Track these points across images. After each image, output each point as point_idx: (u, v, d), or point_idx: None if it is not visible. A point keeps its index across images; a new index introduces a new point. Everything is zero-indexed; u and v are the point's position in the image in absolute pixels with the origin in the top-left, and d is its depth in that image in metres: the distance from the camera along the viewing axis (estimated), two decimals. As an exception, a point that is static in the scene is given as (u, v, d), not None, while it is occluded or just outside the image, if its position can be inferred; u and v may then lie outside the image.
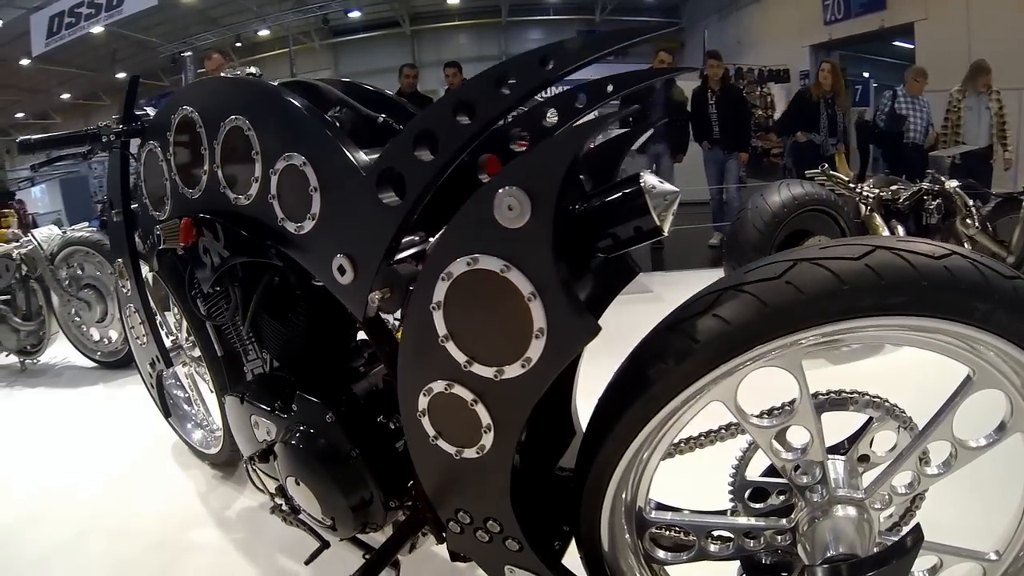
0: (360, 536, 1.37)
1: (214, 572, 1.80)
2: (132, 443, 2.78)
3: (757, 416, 1.03)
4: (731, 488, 1.14)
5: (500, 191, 0.86)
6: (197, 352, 2.03)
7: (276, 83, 1.58)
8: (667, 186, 1.00)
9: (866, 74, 13.02)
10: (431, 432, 1.06)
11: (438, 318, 0.95)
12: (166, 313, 2.38)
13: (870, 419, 1.09)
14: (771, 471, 1.12)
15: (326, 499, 1.29)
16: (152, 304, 2.20)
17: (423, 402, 1.03)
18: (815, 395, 1.06)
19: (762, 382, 1.04)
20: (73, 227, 4.15)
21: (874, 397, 1.09)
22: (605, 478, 1.04)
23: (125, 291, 2.23)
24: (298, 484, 1.32)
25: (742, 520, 1.12)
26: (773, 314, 0.87)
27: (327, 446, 1.28)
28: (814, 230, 3.17)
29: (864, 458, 1.09)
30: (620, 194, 1.01)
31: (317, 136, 1.10)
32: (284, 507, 1.44)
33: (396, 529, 1.29)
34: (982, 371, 0.93)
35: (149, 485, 2.37)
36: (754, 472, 1.15)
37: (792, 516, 1.07)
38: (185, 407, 2.48)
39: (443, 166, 0.93)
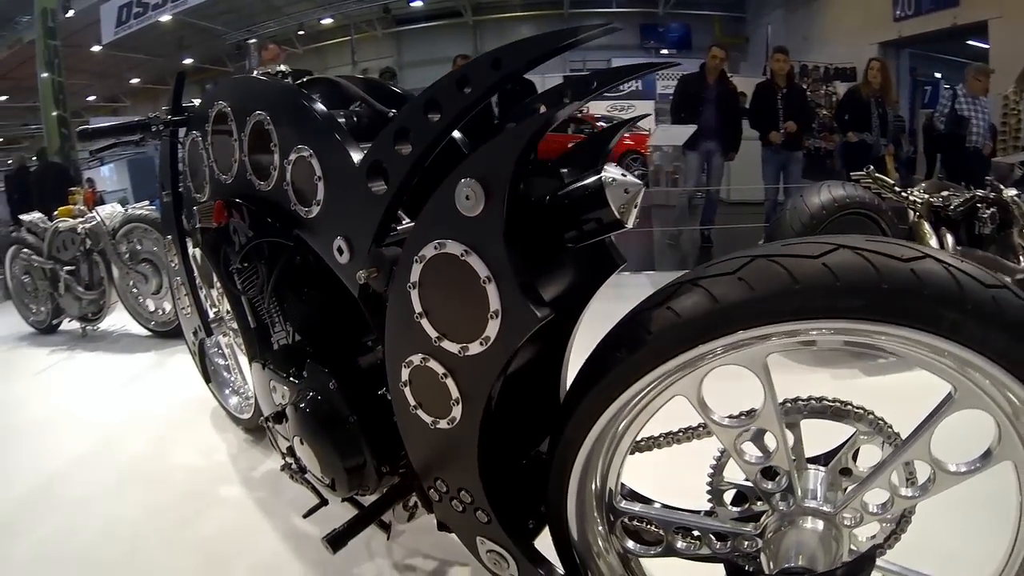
0: (358, 498, 1.48)
1: (233, 523, 1.97)
2: (175, 405, 3.01)
3: (722, 415, 1.01)
4: (708, 488, 1.14)
5: (460, 181, 0.93)
6: (235, 323, 2.20)
7: (305, 79, 1.73)
8: (629, 179, 1.01)
9: (938, 75, 12.53)
10: (412, 402, 1.16)
11: (414, 296, 1.05)
12: (211, 288, 2.56)
13: (856, 431, 1.05)
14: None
15: (325, 460, 1.41)
16: (196, 277, 2.39)
17: (405, 373, 1.14)
18: (794, 400, 1.06)
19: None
20: (134, 205, 4.41)
21: (857, 408, 1.05)
22: (569, 461, 1.07)
23: (173, 265, 2.43)
24: (302, 444, 1.46)
25: (709, 521, 1.11)
26: (722, 310, 0.86)
27: (329, 411, 1.41)
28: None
29: (845, 471, 1.05)
30: (582, 186, 1.03)
31: (321, 131, 1.22)
32: (293, 465, 1.58)
33: (385, 492, 1.39)
34: (964, 389, 0.86)
35: (185, 443, 2.58)
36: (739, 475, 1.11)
37: (759, 523, 1.05)
38: (224, 374, 2.67)
39: (419, 158, 1.03)
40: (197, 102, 1.90)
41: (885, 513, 0.99)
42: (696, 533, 1.12)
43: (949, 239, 3.05)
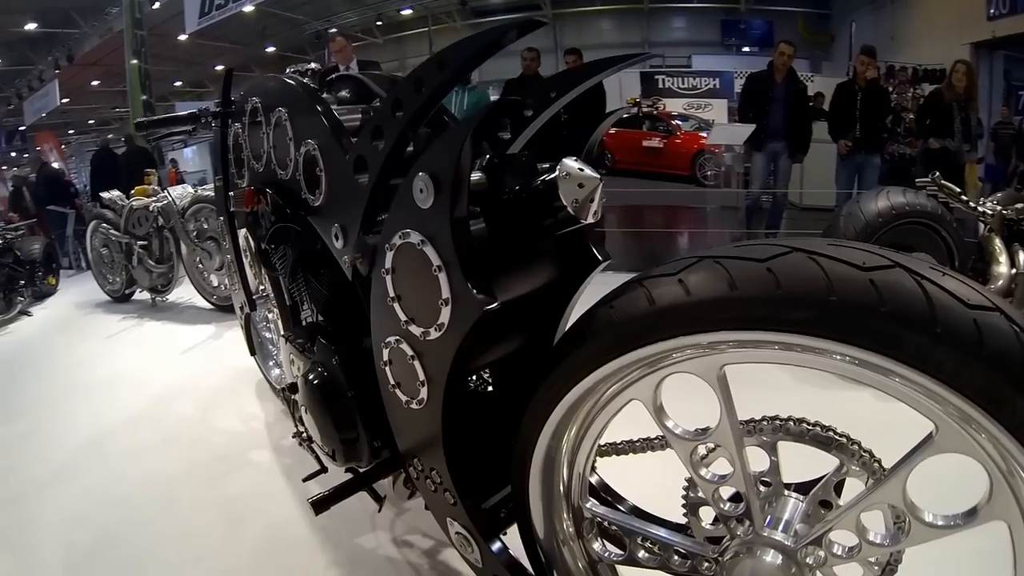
0: (358, 469, 1.56)
1: (256, 486, 2.13)
2: (224, 373, 3.23)
3: (678, 426, 0.95)
4: (683, 502, 1.05)
5: (416, 176, 0.98)
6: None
7: (333, 76, 1.85)
8: (586, 173, 0.99)
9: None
10: (392, 381, 1.23)
11: (388, 282, 1.13)
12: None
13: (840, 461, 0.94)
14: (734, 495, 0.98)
15: (325, 431, 1.51)
16: (243, 256, 2.57)
17: (385, 353, 1.22)
18: (772, 420, 0.96)
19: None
20: (203, 186, 4.70)
21: (839, 436, 0.93)
22: (527, 455, 1.07)
23: (225, 244, 2.62)
24: (307, 414, 1.59)
25: (670, 536, 1.05)
26: (656, 314, 0.81)
27: (330, 385, 1.50)
28: (916, 246, 2.75)
29: (825, 504, 0.92)
30: (541, 181, 1.03)
31: (323, 127, 1.32)
32: (303, 434, 1.71)
33: (374, 465, 1.47)
34: (947, 429, 0.72)
35: (228, 409, 2.79)
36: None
37: (720, 546, 0.97)
38: (268, 347, 2.85)
39: (390, 152, 1.11)
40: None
41: (849, 558, 0.87)
42: (655, 545, 1.07)
43: (1022, 256, 2.75)
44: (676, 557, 1.05)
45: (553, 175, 1.01)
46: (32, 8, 10.36)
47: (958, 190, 2.95)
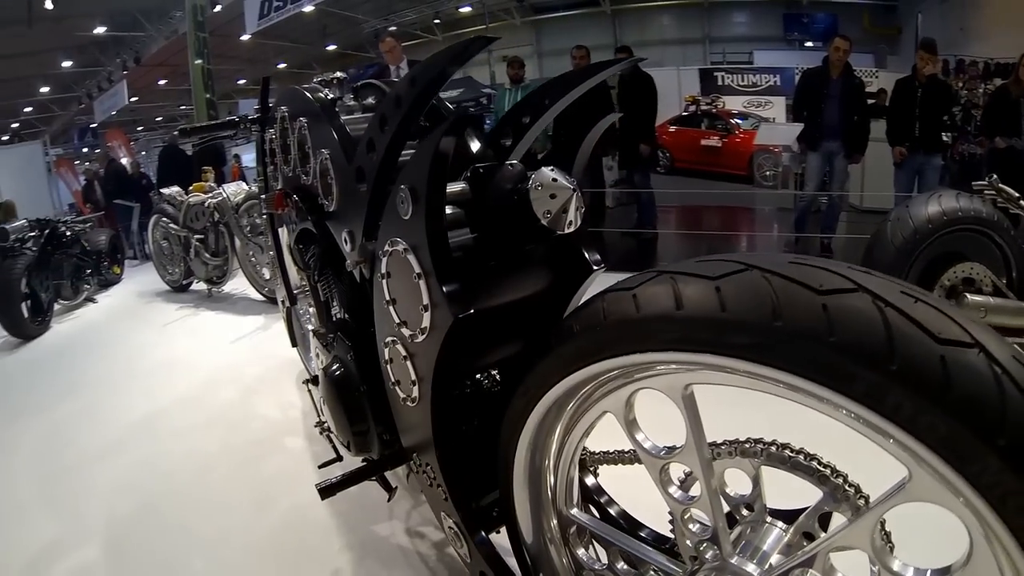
0: (369, 459, 1.64)
1: (287, 469, 2.26)
2: (269, 362, 3.41)
3: (649, 441, 0.93)
4: (669, 516, 0.98)
5: (399, 188, 1.04)
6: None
7: (359, 84, 1.95)
8: (559, 183, 1.00)
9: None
10: (392, 379, 1.30)
11: (384, 286, 1.19)
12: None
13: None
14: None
15: (339, 422, 1.59)
16: (285, 252, 2.71)
17: (386, 352, 1.29)
18: (756, 443, 0.89)
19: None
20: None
21: (822, 466, 0.87)
22: (509, 459, 1.08)
23: (270, 241, 2.77)
24: (325, 406, 1.70)
25: (644, 550, 1.03)
26: (608, 330, 0.80)
27: (345, 380, 1.58)
28: (968, 254, 2.58)
29: (809, 535, 0.86)
30: (514, 191, 1.05)
31: (332, 138, 1.41)
32: (324, 424, 1.83)
33: (381, 456, 1.53)
34: (921, 477, 0.63)
35: (269, 396, 2.95)
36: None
37: (691, 567, 0.93)
38: (308, 340, 3.00)
39: (380, 164, 1.18)
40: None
41: None
42: (630, 559, 1.05)
43: (1088, 270, 2.57)
44: (652, 572, 1.02)
45: (523, 186, 1.04)
46: (101, 12, 11.01)
47: (1016, 194, 2.76)
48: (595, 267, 1.17)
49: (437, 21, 15.95)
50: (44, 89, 14.57)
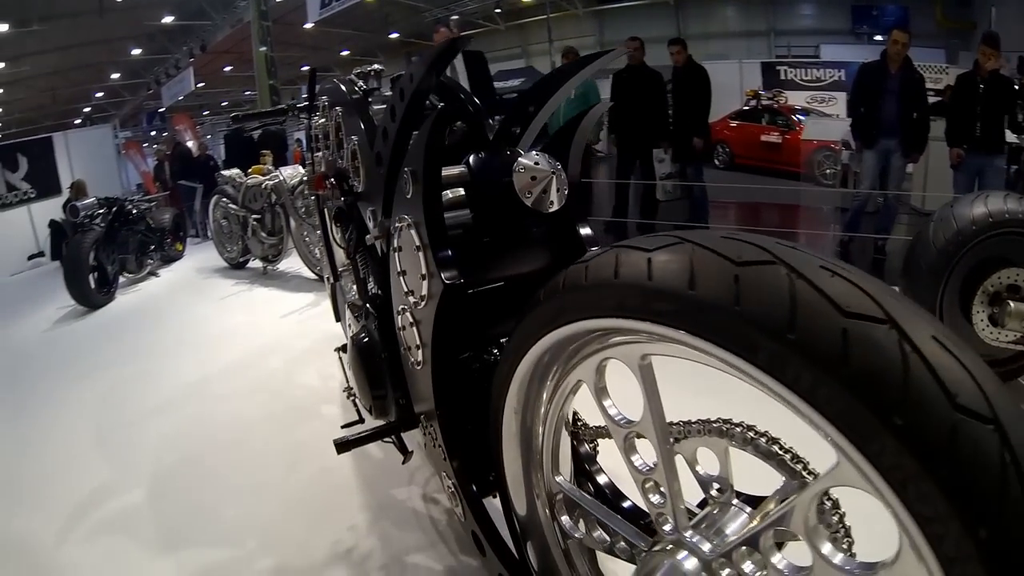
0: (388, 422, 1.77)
1: (320, 435, 2.37)
2: (314, 336, 3.58)
3: (614, 410, 0.94)
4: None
5: (403, 170, 1.15)
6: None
7: (394, 76, 2.06)
8: (539, 167, 1.07)
9: None
10: (405, 344, 1.40)
11: (396, 259, 1.29)
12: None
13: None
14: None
15: (361, 386, 1.69)
16: (331, 230, 2.85)
17: (399, 320, 1.38)
18: (724, 423, 0.91)
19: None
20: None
21: (783, 451, 0.88)
22: (498, 424, 1.13)
23: (317, 221, 2.92)
24: (350, 371, 1.81)
25: (615, 521, 1.04)
26: (564, 297, 0.86)
27: (368, 348, 1.69)
28: (1015, 259, 2.43)
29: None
30: (503, 172, 1.12)
31: (359, 126, 1.53)
32: (352, 390, 1.95)
33: (392, 421, 1.63)
34: (845, 462, 0.60)
35: (311, 367, 3.10)
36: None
37: (653, 539, 0.94)
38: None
39: (391, 150, 1.28)
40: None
41: None
42: (608, 530, 1.07)
43: None
44: (622, 543, 1.05)
45: (506, 168, 1.12)
46: (169, 2, 11.62)
47: None
48: (588, 247, 1.20)
49: (498, 10, 15.99)
50: (115, 76, 15.36)
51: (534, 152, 1.12)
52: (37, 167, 9.33)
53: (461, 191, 1.24)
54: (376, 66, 1.97)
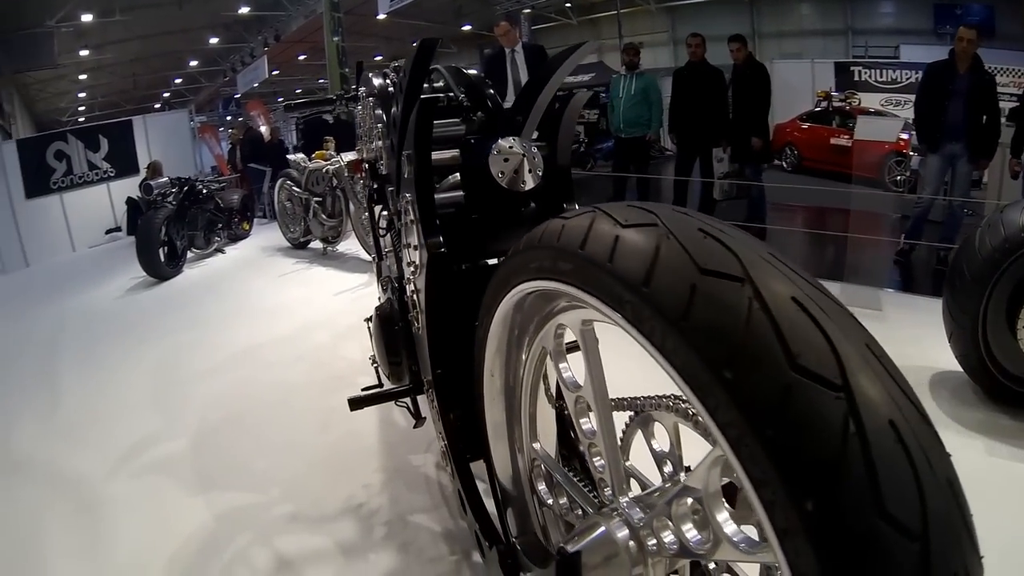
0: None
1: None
2: (363, 313, 3.68)
3: (568, 376, 0.96)
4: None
5: (403, 153, 1.28)
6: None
7: (433, 66, 2.17)
8: (512, 149, 1.17)
9: None
10: (412, 310, 1.52)
11: (404, 232, 1.40)
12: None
13: None
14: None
15: (380, 353, 1.82)
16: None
17: (408, 288, 1.50)
18: (675, 398, 0.93)
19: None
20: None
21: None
22: (478, 391, 1.17)
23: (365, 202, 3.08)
24: (372, 339, 1.94)
25: (572, 484, 1.04)
26: (515, 259, 0.91)
27: (387, 318, 1.81)
28: None
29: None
30: (485, 156, 1.21)
31: (384, 115, 1.66)
32: (373, 356, 2.07)
33: (405, 385, 1.71)
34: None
35: (354, 341, 3.26)
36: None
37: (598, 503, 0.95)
38: (387, 290, 3.32)
39: (400, 134, 1.41)
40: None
41: (670, 555, 0.75)
42: (566, 497, 1.09)
43: None
44: (579, 511, 1.05)
45: (484, 152, 1.21)
46: None
47: None
48: None
49: (569, 4, 15.94)
50: (193, 63, 16.11)
51: (511, 137, 1.22)
52: (117, 148, 9.91)
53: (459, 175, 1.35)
54: (399, 62, 2.09)
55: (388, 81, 1.85)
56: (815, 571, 0.46)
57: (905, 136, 8.24)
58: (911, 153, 7.95)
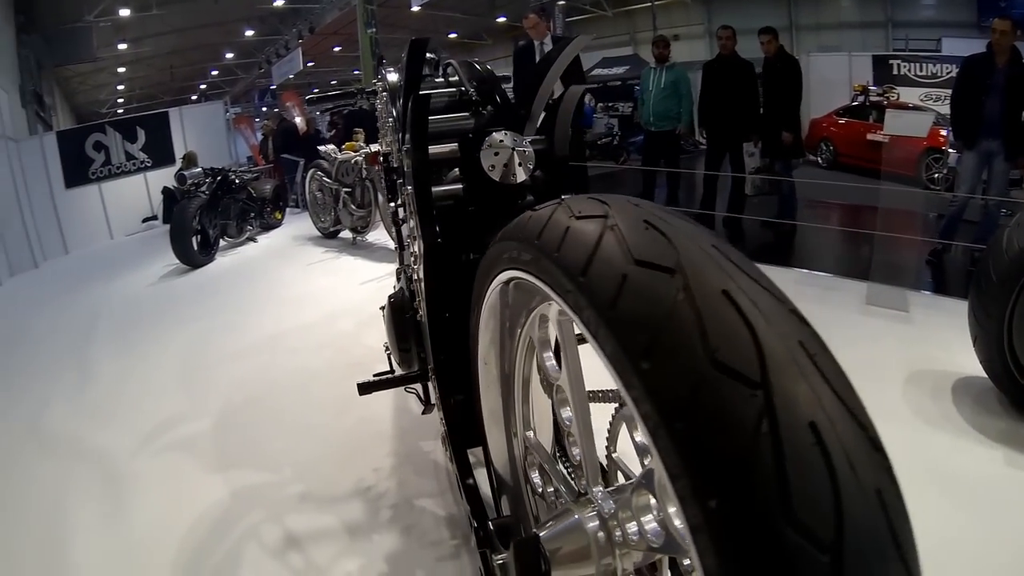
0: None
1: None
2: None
3: (550, 364, 0.98)
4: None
5: (405, 145, 1.33)
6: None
7: (446, 63, 2.21)
8: (502, 143, 1.19)
9: None
10: (418, 298, 1.58)
11: (411, 222, 1.48)
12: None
13: None
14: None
15: (391, 340, 1.87)
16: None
17: (414, 277, 1.57)
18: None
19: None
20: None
21: None
22: (474, 377, 1.19)
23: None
24: (385, 327, 1.99)
25: (557, 473, 1.05)
26: (488, 254, 0.94)
27: (399, 306, 1.84)
28: None
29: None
30: (474, 151, 1.24)
31: (394, 110, 1.71)
32: (387, 344, 2.13)
33: (413, 372, 1.78)
34: None
35: (377, 329, 3.29)
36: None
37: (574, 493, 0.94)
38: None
39: (403, 127, 1.46)
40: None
41: (638, 549, 0.75)
42: (552, 484, 1.09)
43: None
44: (563, 499, 1.04)
45: (477, 146, 1.24)
46: None
47: None
48: None
49: (602, -4, 15.80)
50: (228, 55, 16.43)
51: (504, 132, 1.24)
52: (153, 139, 10.15)
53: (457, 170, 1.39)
54: (428, 55, 2.14)
55: (399, 77, 1.90)
56: (718, 571, 0.45)
57: (944, 133, 8.03)
58: (949, 150, 7.74)
